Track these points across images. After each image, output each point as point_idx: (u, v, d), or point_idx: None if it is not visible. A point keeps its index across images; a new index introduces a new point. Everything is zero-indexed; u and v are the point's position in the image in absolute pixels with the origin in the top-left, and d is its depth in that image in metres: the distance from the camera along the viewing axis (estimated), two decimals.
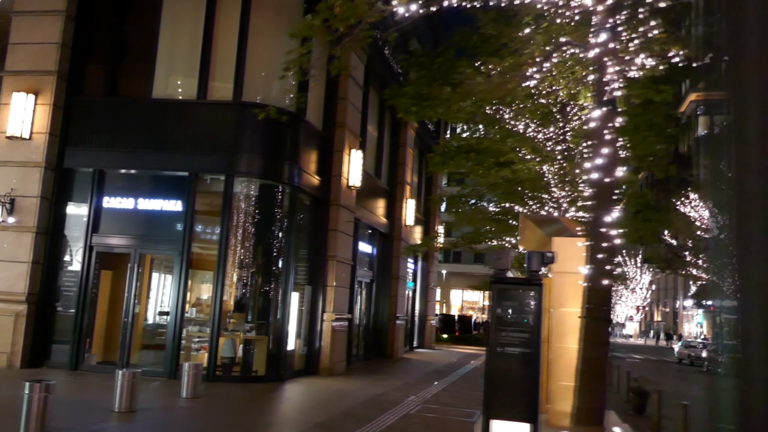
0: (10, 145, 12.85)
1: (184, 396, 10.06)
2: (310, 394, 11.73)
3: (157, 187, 13.05)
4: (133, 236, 12.85)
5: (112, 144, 13.01)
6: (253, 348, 12.86)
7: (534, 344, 5.97)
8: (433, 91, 11.55)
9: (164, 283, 14.73)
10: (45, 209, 12.76)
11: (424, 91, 11.61)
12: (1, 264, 12.54)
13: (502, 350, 6.08)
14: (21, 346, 12.21)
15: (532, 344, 5.96)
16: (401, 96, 12.27)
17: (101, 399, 9.30)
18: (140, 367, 12.42)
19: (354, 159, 15.42)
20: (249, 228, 12.87)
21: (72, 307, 12.70)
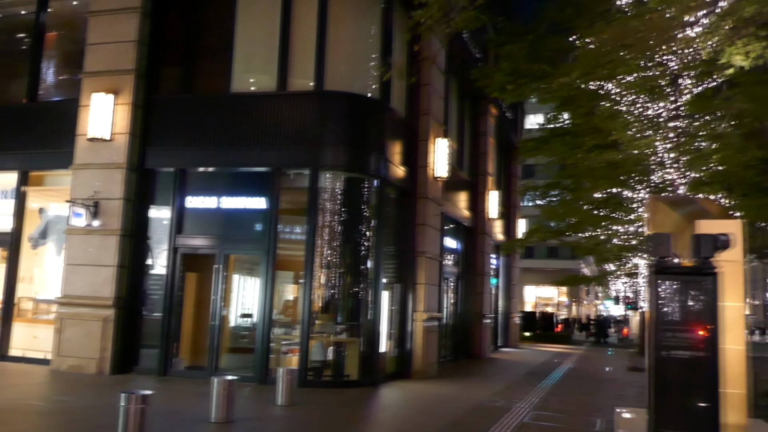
0: (92, 148, 12.59)
1: (279, 403, 9.42)
2: (409, 401, 10.92)
3: (240, 184, 12.54)
4: (217, 237, 12.37)
5: (192, 142, 12.58)
6: (345, 351, 12.16)
7: (710, 346, 4.93)
8: (532, 67, 10.53)
9: (245, 285, 14.24)
10: (128, 211, 12.43)
11: (522, 67, 10.59)
12: (88, 268, 12.28)
13: (667, 354, 5.07)
14: (110, 352, 11.90)
15: (709, 346, 4.93)
16: (494, 74, 11.30)
17: (195, 408, 8.76)
18: (229, 372, 11.98)
19: (440, 148, 14.53)
20: (336, 225, 12.17)
21: (158, 311, 12.33)
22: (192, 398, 9.83)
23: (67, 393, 9.87)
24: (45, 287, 14.88)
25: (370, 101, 12.73)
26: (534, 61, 10.47)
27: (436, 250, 14.76)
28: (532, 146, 14.69)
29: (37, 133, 13.57)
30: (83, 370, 11.85)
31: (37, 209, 14.06)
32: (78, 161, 12.68)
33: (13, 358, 13.07)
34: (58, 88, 14.23)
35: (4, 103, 14.54)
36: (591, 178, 14.93)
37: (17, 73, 14.42)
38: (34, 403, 8.76)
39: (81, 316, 12.11)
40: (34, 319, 14.61)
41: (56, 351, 12.19)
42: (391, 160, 12.96)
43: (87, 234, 12.35)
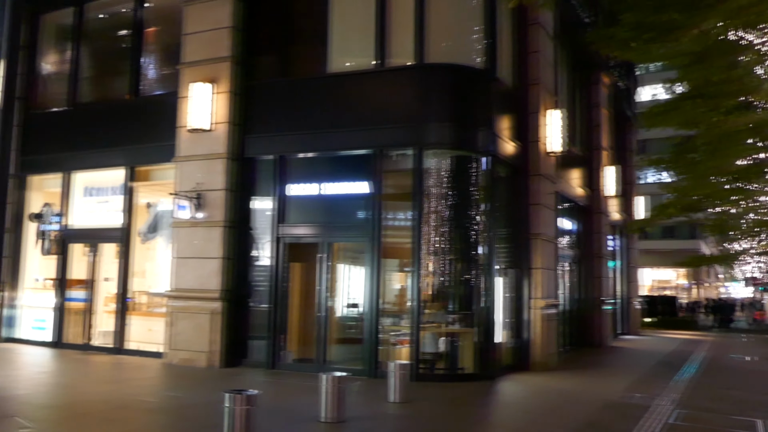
0: (193, 139, 12.44)
1: (392, 400, 8.77)
2: (532, 397, 9.99)
3: (341, 169, 11.98)
4: (320, 225, 11.89)
5: (290, 127, 12.14)
6: (458, 342, 11.37)
7: None
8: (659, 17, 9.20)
9: (350, 274, 13.73)
10: (231, 202, 12.19)
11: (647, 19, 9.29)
12: (194, 261, 12.16)
13: None
14: (219, 345, 11.73)
15: None
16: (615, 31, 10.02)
17: (304, 405, 8.27)
18: (337, 365, 11.51)
19: (552, 121, 13.35)
20: (443, 207, 11.36)
21: (265, 303, 12.02)
22: (301, 394, 9.37)
23: (177, 388, 9.70)
24: (158, 281, 15.08)
25: (474, 72, 11.78)
26: (662, 11, 9.14)
27: (551, 232, 13.63)
28: (659, 112, 13.17)
29: (141, 128, 13.64)
30: (194, 364, 11.76)
31: (145, 204, 14.19)
32: (180, 153, 12.59)
33: (129, 352, 13.24)
34: (159, 81, 14.25)
35: (109, 100, 14.76)
36: (728, 145, 13.22)
37: (120, 70, 14.58)
38: (146, 399, 8.59)
39: (190, 309, 12.02)
40: (149, 312, 14.84)
41: (168, 344, 12.18)
42: (500, 135, 11.98)
43: (192, 226, 12.23)
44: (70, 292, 14.45)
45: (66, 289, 14.45)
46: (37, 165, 15.28)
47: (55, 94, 15.59)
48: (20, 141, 15.49)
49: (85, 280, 14.29)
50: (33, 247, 15.35)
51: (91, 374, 10.92)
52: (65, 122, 15.08)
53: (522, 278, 12.78)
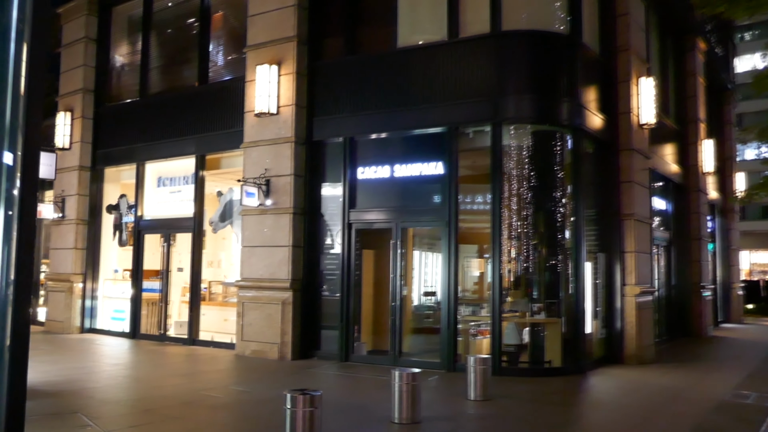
0: (260, 123, 12.04)
1: (471, 397, 8.02)
2: (630, 395, 8.99)
3: (414, 149, 11.25)
4: (392, 209, 11.23)
5: (359, 108, 11.52)
6: (543, 332, 10.47)
7: None
8: None
9: (425, 261, 13.04)
10: (299, 187, 11.72)
11: None
12: (263, 249, 11.78)
13: None
14: (290, 337, 11.31)
15: None
16: None
17: (377, 402, 7.65)
18: (412, 357, 10.88)
19: (644, 90, 12.14)
20: (525, 188, 10.45)
21: (336, 292, 11.50)
22: (374, 390, 8.77)
23: (246, 382, 9.31)
24: (232, 271, 14.91)
25: (556, 38, 10.75)
26: None
27: (645, 212, 12.43)
28: None
29: (210, 116, 13.38)
30: (265, 356, 11.39)
31: (215, 193, 13.98)
32: (247, 139, 12.22)
33: (203, 342, 13.07)
34: (226, 67, 13.96)
35: (178, 89, 14.61)
36: None
37: (188, 58, 14.39)
38: (213, 394, 8.21)
39: (260, 299, 11.66)
40: (224, 302, 14.68)
41: (239, 336, 11.88)
42: (586, 106, 10.92)
43: (260, 214, 11.85)
44: (146, 283, 14.46)
45: (141, 280, 14.46)
46: (111, 157, 15.36)
47: (127, 86, 15.63)
48: (94, 134, 15.65)
49: (159, 270, 14.24)
50: (110, 238, 15.48)
51: (162, 366, 10.73)
52: (137, 113, 15.08)
53: (613, 263, 11.70)
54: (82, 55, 15.68)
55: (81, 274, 15.30)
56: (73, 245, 15.29)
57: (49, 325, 15.64)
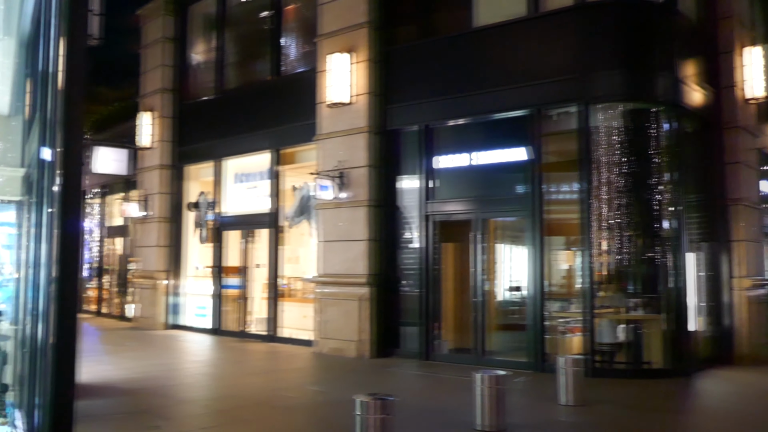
0: (334, 114, 11.69)
1: (563, 402, 7.33)
2: (746, 400, 8.01)
3: (494, 135, 10.56)
4: (473, 199, 10.60)
5: (435, 93, 10.96)
6: (642, 330, 9.58)
7: None
8: None
9: (508, 254, 12.30)
10: (375, 179, 11.29)
11: None
12: (339, 244, 11.44)
13: None
14: (368, 334, 10.91)
15: None
16: None
17: (458, 407, 7.11)
18: (497, 356, 10.26)
19: (752, 61, 10.94)
20: (617, 173, 9.57)
21: (416, 288, 11.00)
22: (456, 391, 8.22)
23: (322, 381, 8.97)
24: (311, 267, 14.71)
25: (649, 6, 9.79)
26: None
27: (754, 196, 11.24)
28: None
29: (283, 109, 13.19)
30: (343, 353, 11.05)
31: (291, 188, 13.77)
32: (321, 131, 11.91)
33: (283, 339, 12.90)
34: (298, 59, 13.68)
35: (253, 83, 14.50)
36: None
37: (262, 52, 14.25)
38: (288, 394, 7.91)
39: (337, 295, 11.33)
40: (304, 299, 14.49)
41: (317, 333, 11.60)
42: (685, 81, 9.90)
43: (336, 207, 11.51)
44: (226, 280, 14.47)
45: (222, 277, 14.49)
46: (191, 155, 15.49)
47: (204, 83, 15.69)
48: (174, 132, 15.83)
49: (239, 267, 14.21)
50: (192, 236, 15.62)
51: (240, 364, 10.59)
52: (214, 110, 15.11)
53: (719, 253, 10.62)
54: (160, 55, 15.90)
55: (165, 271, 15.53)
56: (157, 243, 15.54)
57: (137, 321, 15.98)
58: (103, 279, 19.60)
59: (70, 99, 3.82)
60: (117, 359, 10.63)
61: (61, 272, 3.75)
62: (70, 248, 3.86)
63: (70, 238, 3.86)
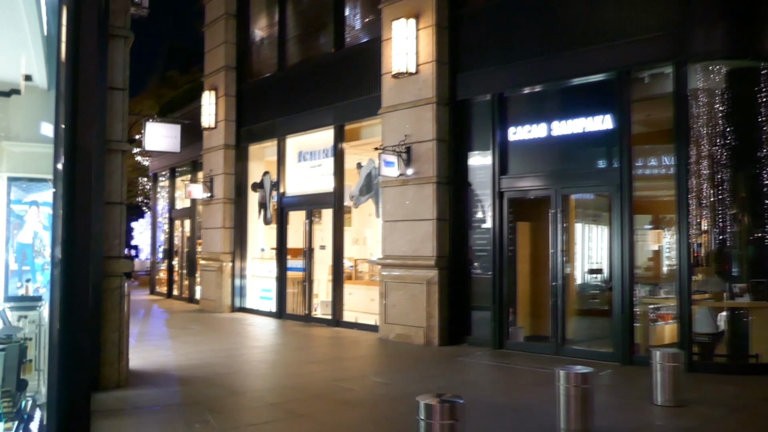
0: (398, 86, 10.94)
1: (658, 402, 6.39)
2: None
3: (574, 103, 9.53)
4: (551, 174, 9.65)
5: (507, 59, 10.02)
6: (747, 319, 8.44)
7: None
8: None
9: (589, 234, 11.26)
10: (443, 154, 10.50)
11: None
12: (405, 224, 10.73)
13: None
14: (437, 320, 10.19)
15: None
16: None
17: (538, 405, 6.31)
18: (578, 345, 9.36)
19: None
20: (719, 143, 8.41)
21: (488, 270, 10.18)
22: (534, 385, 7.40)
23: (386, 372, 8.32)
24: (377, 248, 14.13)
25: None
26: None
27: None
28: None
29: (346, 83, 12.54)
30: (410, 340, 10.38)
31: (355, 165, 13.15)
32: (385, 104, 11.19)
33: (347, 324, 12.37)
34: (362, 29, 12.96)
35: (315, 57, 13.89)
36: None
37: (324, 24, 13.61)
38: (348, 386, 7.30)
39: (403, 278, 10.65)
40: (370, 282, 13.95)
41: (382, 318, 10.98)
42: None
43: (401, 185, 10.80)
44: (290, 262, 14.05)
45: (286, 259, 14.07)
46: (254, 134, 15.11)
47: (266, 60, 15.25)
48: (237, 111, 15.48)
49: (302, 249, 13.74)
50: (256, 217, 15.28)
51: (301, 350, 10.08)
52: (276, 87, 14.64)
53: None
54: (223, 32, 15.53)
55: (230, 253, 15.27)
56: (221, 224, 15.28)
57: (203, 303, 15.84)
58: (173, 261, 19.66)
59: (75, 69, 3.29)
60: (177, 344, 10.33)
61: (66, 255, 3.22)
62: (79, 229, 3.32)
63: (78, 220, 3.32)
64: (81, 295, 3.23)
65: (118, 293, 7.04)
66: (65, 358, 3.15)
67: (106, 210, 7.05)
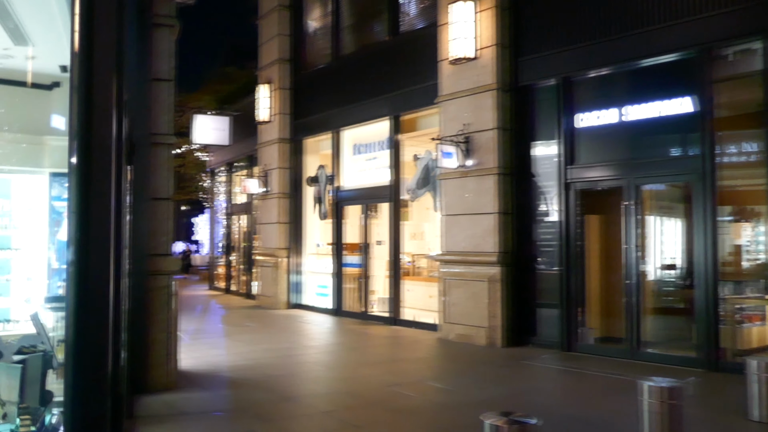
0: (456, 72, 10.38)
1: (755, 418, 5.67)
2: None
3: (649, 85, 8.74)
4: (624, 163, 8.91)
5: (573, 39, 9.32)
6: None
7: None
8: None
9: (665, 227, 10.41)
10: (505, 143, 9.88)
11: None
12: (465, 218, 10.18)
13: None
14: (500, 320, 9.61)
15: None
16: None
17: (618, 417, 5.70)
18: (655, 348, 8.62)
19: None
20: None
21: (554, 267, 9.53)
22: (610, 394, 6.76)
23: (447, 376, 7.82)
24: (436, 243, 13.64)
25: None
26: None
27: None
28: None
29: (402, 72, 12.06)
30: (472, 341, 9.84)
31: (412, 157, 12.65)
32: (443, 92, 10.64)
33: (406, 323, 11.91)
34: (418, 15, 12.42)
35: (370, 46, 13.44)
36: None
37: (378, 10, 13.12)
38: (406, 391, 6.83)
39: (463, 275, 10.11)
40: (429, 278, 13.46)
41: (442, 317, 10.46)
42: None
43: (461, 177, 10.24)
44: (347, 258, 13.69)
45: (342, 255, 13.72)
46: (309, 127, 14.80)
47: (320, 51, 14.90)
48: (292, 104, 15.21)
49: (359, 244, 13.34)
50: (312, 212, 14.99)
51: (358, 351, 9.67)
52: (330, 78, 14.28)
53: None
54: (276, 24, 15.28)
55: (286, 248, 15.04)
56: (277, 219, 15.05)
57: (260, 300, 15.69)
58: (231, 256, 19.65)
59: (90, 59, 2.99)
60: (231, 342, 10.11)
61: (80, 252, 2.88)
62: (94, 225, 2.99)
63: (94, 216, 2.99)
64: (97, 293, 2.89)
65: (165, 292, 6.78)
66: (77, 360, 2.83)
67: (152, 206, 6.80)
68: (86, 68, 2.92)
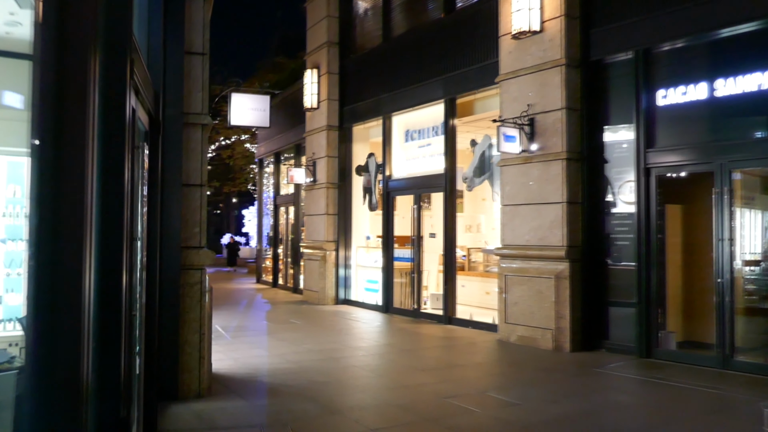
0: (518, 48, 9.41)
1: None
2: None
3: (743, 56, 7.60)
4: (713, 145, 7.81)
5: (653, 6, 8.25)
6: None
7: None
8: None
9: (756, 217, 9.21)
10: (574, 125, 8.89)
11: None
12: (528, 208, 9.23)
13: None
14: (568, 321, 8.64)
15: None
16: None
17: None
18: (751, 356, 7.53)
19: None
20: None
21: (630, 262, 8.50)
22: (707, 413, 5.74)
23: (510, 386, 6.91)
24: (493, 236, 12.75)
25: None
26: None
27: None
28: None
29: (458, 50, 11.13)
30: (535, 344, 8.90)
31: (469, 143, 11.75)
32: (503, 70, 9.70)
33: (461, 322, 11.04)
34: None
35: (422, 24, 12.55)
36: None
37: None
38: (465, 404, 5.98)
39: (526, 271, 9.16)
40: (486, 273, 12.59)
41: (501, 317, 9.54)
42: None
43: (523, 163, 9.28)
44: (397, 251, 12.89)
45: (392, 248, 12.92)
46: (357, 113, 14.04)
47: (370, 32, 14.10)
48: (340, 90, 14.47)
49: (410, 236, 12.52)
50: (361, 202, 14.24)
51: (409, 354, 8.84)
52: (380, 61, 13.47)
53: None
54: (325, 6, 14.55)
55: (333, 241, 14.34)
56: (325, 211, 14.36)
57: (306, 294, 15.05)
58: (279, 249, 19.11)
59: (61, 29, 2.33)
60: (274, 341, 9.44)
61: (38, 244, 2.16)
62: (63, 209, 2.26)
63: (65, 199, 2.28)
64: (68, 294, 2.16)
65: (198, 289, 6.10)
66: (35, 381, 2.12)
67: (185, 193, 6.11)
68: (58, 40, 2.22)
